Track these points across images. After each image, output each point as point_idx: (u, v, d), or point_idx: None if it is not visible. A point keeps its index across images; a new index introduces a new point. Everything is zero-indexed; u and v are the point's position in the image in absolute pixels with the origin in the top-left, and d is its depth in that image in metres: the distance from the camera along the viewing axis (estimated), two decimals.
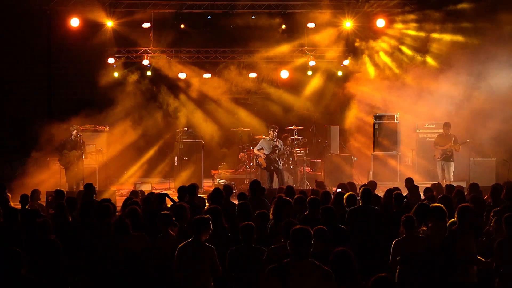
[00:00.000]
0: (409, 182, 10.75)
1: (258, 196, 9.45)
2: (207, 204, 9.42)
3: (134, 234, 7.09)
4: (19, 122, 17.57)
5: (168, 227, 7.11)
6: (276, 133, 14.55)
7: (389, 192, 9.21)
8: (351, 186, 10.74)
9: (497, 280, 6.60)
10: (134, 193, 10.47)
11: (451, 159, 14.78)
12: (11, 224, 7.47)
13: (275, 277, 4.66)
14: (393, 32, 17.45)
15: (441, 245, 6.81)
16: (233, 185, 15.19)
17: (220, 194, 9.00)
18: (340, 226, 7.38)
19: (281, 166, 14.60)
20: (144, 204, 8.80)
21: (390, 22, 17.18)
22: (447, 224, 7.23)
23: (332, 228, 6.81)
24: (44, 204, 10.91)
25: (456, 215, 6.95)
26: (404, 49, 17.44)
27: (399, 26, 17.27)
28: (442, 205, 7.35)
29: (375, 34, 17.82)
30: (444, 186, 11.00)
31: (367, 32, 17.92)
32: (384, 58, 17.83)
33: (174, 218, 7.39)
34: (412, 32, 17.09)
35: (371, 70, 18.02)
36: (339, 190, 10.11)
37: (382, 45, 17.82)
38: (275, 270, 4.69)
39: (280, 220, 7.12)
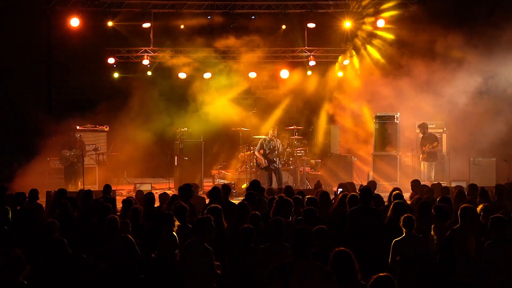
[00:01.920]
0: (416, 184, 10.69)
1: (258, 196, 9.43)
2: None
3: (123, 236, 7.05)
4: (19, 122, 17.58)
5: (172, 227, 7.12)
6: (275, 132, 14.56)
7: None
8: (351, 186, 10.75)
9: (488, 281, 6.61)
10: (139, 193, 10.48)
11: (431, 159, 15.27)
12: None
13: (276, 277, 4.65)
14: (393, 31, 17.41)
15: (442, 245, 6.81)
16: (233, 185, 15.20)
17: (218, 193, 8.93)
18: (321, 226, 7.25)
19: (279, 166, 14.60)
20: (145, 204, 8.79)
21: (391, 22, 17.15)
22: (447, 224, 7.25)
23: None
24: (44, 204, 10.90)
25: (458, 215, 6.95)
26: (405, 48, 17.40)
27: (399, 25, 17.23)
28: (445, 205, 7.35)
29: (375, 34, 17.82)
30: (430, 185, 10.90)
31: (367, 32, 17.93)
32: (385, 57, 17.81)
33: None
34: (416, 32, 17.03)
35: (371, 70, 18.00)
36: (340, 189, 10.12)
37: (382, 44, 17.81)
38: (276, 270, 4.69)
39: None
